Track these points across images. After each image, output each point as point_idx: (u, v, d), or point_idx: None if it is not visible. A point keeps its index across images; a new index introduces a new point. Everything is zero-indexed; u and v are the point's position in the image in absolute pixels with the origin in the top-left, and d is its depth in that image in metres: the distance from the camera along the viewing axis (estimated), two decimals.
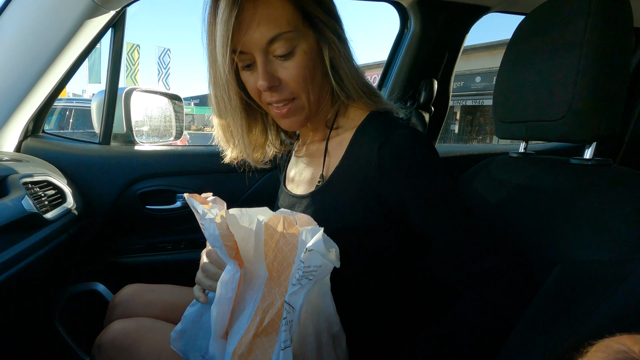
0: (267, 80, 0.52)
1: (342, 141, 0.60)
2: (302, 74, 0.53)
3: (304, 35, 0.53)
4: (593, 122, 0.58)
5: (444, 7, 1.09)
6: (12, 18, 0.84)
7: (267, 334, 0.43)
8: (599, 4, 0.57)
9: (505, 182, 0.72)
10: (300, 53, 0.52)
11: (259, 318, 0.44)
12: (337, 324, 0.48)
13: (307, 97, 0.55)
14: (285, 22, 0.50)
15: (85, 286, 1.04)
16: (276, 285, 0.46)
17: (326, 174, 0.60)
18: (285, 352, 0.40)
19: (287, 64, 0.52)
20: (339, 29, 0.56)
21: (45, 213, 0.81)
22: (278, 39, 0.50)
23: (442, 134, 1.34)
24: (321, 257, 0.42)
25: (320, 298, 0.46)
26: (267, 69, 0.52)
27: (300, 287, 0.41)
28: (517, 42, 0.74)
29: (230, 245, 0.47)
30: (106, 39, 1.01)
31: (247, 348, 0.43)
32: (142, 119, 1.26)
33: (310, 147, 0.67)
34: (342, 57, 0.56)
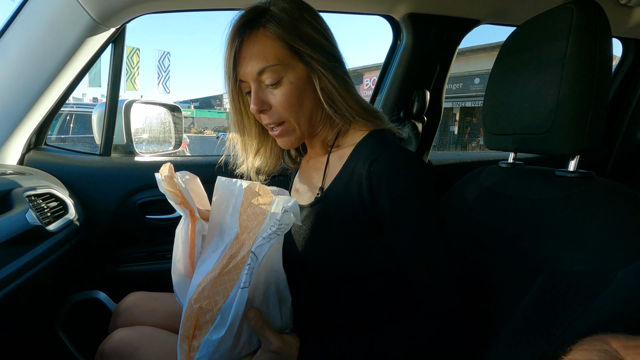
0: (257, 104, 0.61)
1: (342, 156, 0.65)
2: (288, 100, 0.60)
3: (293, 67, 0.60)
4: (575, 136, 0.61)
5: (435, 21, 1.12)
6: (15, 36, 0.87)
7: (230, 274, 0.51)
8: (579, 24, 0.59)
9: (494, 192, 0.75)
10: (286, 83, 0.59)
11: (225, 262, 0.52)
12: (283, 281, 0.55)
13: (296, 120, 0.62)
14: (273, 57, 0.58)
15: (87, 295, 1.07)
16: (245, 239, 0.55)
17: (324, 186, 0.65)
18: (242, 290, 0.47)
19: (275, 91, 0.60)
20: (326, 60, 0.60)
21: (47, 225, 0.83)
22: (265, 71, 0.58)
23: (442, 135, 1.37)
24: (293, 217, 0.49)
25: (275, 251, 0.52)
26: (258, 95, 0.61)
27: (268, 240, 0.48)
28: (505, 56, 0.76)
29: (174, 192, 0.60)
30: (107, 52, 1.04)
31: (211, 282, 0.50)
32: (142, 130, 1.28)
33: (314, 161, 0.73)
34: (332, 85, 0.61)
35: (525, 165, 0.80)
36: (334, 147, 0.68)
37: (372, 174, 0.55)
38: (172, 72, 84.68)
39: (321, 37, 0.61)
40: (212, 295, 0.50)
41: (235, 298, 0.47)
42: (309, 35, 0.60)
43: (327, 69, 0.60)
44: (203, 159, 1.22)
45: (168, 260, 1.19)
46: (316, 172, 0.70)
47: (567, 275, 0.53)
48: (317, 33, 0.61)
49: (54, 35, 0.87)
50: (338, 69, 0.62)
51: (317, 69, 0.60)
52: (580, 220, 0.55)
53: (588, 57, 0.59)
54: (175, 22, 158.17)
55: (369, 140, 0.63)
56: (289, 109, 0.61)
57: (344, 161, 0.64)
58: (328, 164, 0.67)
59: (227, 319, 0.47)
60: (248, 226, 0.56)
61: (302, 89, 0.61)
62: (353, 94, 0.64)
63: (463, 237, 0.76)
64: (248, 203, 0.57)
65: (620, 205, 0.54)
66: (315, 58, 0.60)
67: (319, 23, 0.62)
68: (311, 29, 0.60)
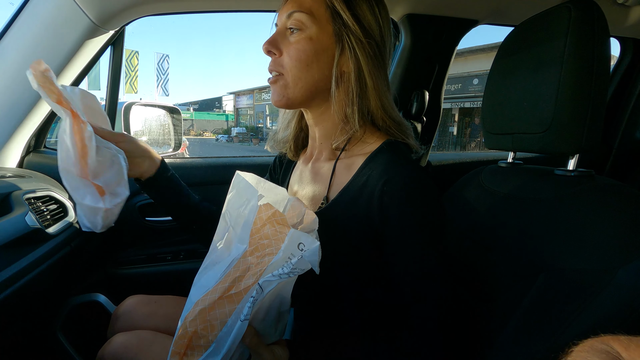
0: (268, 42, 0.59)
1: (351, 165, 0.61)
2: (297, 54, 0.57)
3: (321, 26, 0.57)
4: (574, 135, 0.61)
5: (433, 21, 1.12)
6: (14, 39, 0.87)
7: (230, 301, 0.48)
8: (577, 24, 0.60)
9: (494, 192, 0.75)
10: (305, 36, 0.57)
11: (228, 285, 0.49)
12: (287, 304, 0.52)
13: (294, 79, 0.58)
14: (307, 6, 0.57)
15: (87, 297, 1.06)
16: (252, 262, 0.51)
17: (330, 197, 0.62)
18: (242, 323, 0.45)
19: (291, 38, 0.58)
20: (364, 40, 0.56)
21: (47, 227, 0.83)
22: (293, 14, 0.57)
23: (441, 135, 1.37)
24: (309, 265, 0.46)
25: (286, 285, 0.50)
26: (275, 35, 0.59)
27: (278, 279, 0.45)
28: (503, 56, 0.77)
29: (50, 88, 0.56)
30: (106, 54, 1.04)
31: (209, 306, 0.48)
32: (141, 132, 1.28)
33: (317, 165, 0.68)
34: (360, 68, 0.57)
35: (525, 165, 0.81)
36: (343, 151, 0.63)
37: (385, 194, 0.53)
38: (171, 75, 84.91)
39: (375, 24, 0.58)
40: (209, 319, 0.47)
41: (234, 329, 0.45)
42: (361, 12, 0.57)
43: (361, 48, 0.56)
44: (203, 160, 1.23)
45: (168, 262, 1.19)
46: (320, 178, 0.66)
47: (567, 273, 0.53)
48: (373, 17, 0.58)
49: (53, 37, 0.87)
50: (375, 60, 0.57)
51: (347, 42, 0.56)
52: (580, 219, 0.55)
53: (586, 56, 0.59)
54: (173, 25, 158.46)
55: (383, 153, 0.58)
56: (293, 61, 0.57)
57: (353, 172, 0.60)
58: (335, 172, 0.63)
59: (222, 349, 0.45)
60: (258, 248, 0.52)
61: (317, 51, 0.57)
62: (380, 93, 0.59)
63: (463, 237, 0.76)
64: (262, 223, 0.53)
65: (620, 204, 0.54)
66: (352, 30, 0.56)
67: (382, 15, 0.59)
68: (369, 10, 0.57)
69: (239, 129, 31.98)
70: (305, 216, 0.55)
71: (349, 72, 0.58)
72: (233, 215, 0.58)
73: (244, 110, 36.48)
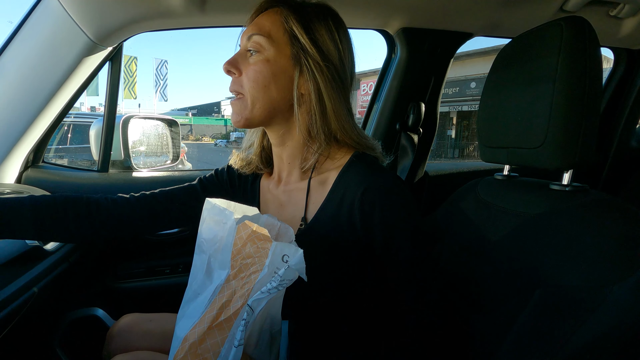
0: (228, 63, 0.60)
1: (324, 181, 0.62)
2: (255, 75, 0.58)
3: (279, 49, 0.58)
4: (568, 151, 0.61)
5: (428, 35, 1.13)
6: (13, 57, 0.88)
7: (221, 329, 0.46)
8: (569, 41, 0.60)
9: (491, 205, 0.75)
10: (263, 58, 0.58)
11: (215, 313, 0.47)
12: (278, 324, 0.51)
13: (252, 100, 0.59)
14: (266, 30, 0.58)
15: (85, 312, 1.06)
16: (237, 285, 0.49)
17: (308, 217, 0.61)
18: (237, 349, 0.43)
19: (250, 60, 0.59)
20: (323, 65, 0.58)
21: (46, 244, 0.83)
22: (252, 37, 0.59)
23: (439, 139, 1.38)
24: (296, 273, 0.46)
25: (275, 301, 0.49)
26: (236, 56, 0.61)
27: (267, 295, 0.45)
28: (497, 69, 0.77)
29: None
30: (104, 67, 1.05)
31: (199, 338, 0.45)
32: (139, 144, 1.29)
33: (289, 187, 0.67)
34: (318, 90, 0.58)
35: (520, 178, 0.81)
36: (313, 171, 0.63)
37: (365, 202, 0.54)
38: (170, 80, 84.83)
39: (333, 47, 0.59)
40: (200, 352, 0.45)
41: (229, 358, 0.43)
42: (319, 36, 0.58)
43: (319, 71, 0.58)
44: (201, 173, 1.23)
45: (167, 275, 1.19)
46: (294, 199, 0.65)
47: (563, 290, 0.53)
48: (331, 41, 0.59)
49: (52, 55, 0.88)
50: (335, 80, 0.59)
51: (305, 64, 0.58)
52: (575, 235, 0.56)
53: (578, 73, 0.60)
54: (172, 31, 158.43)
55: (355, 164, 0.59)
56: (251, 83, 0.58)
57: (328, 187, 0.60)
58: (309, 191, 0.63)
59: None
60: (242, 269, 0.50)
61: (274, 73, 0.58)
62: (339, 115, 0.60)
63: (461, 249, 0.77)
64: (242, 243, 0.51)
65: (615, 219, 0.55)
66: (310, 54, 0.57)
67: (340, 36, 0.60)
68: (327, 35, 0.59)
69: (237, 134, 31.98)
70: (280, 229, 0.55)
71: (308, 93, 0.59)
72: (210, 242, 0.55)
73: None
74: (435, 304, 0.56)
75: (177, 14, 0.92)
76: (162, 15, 0.92)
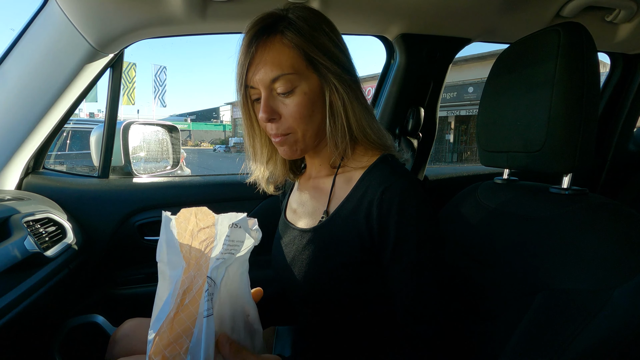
0: (266, 112, 0.59)
1: (349, 180, 0.64)
2: (299, 111, 0.59)
3: (307, 77, 0.58)
4: (567, 155, 0.62)
5: (426, 41, 1.14)
6: (15, 63, 0.88)
7: (187, 311, 0.44)
8: (566, 46, 0.61)
9: (490, 209, 0.75)
10: (299, 93, 0.58)
11: (179, 300, 0.45)
12: (252, 309, 0.50)
13: (303, 133, 0.61)
14: (288, 65, 0.57)
15: (85, 319, 1.06)
16: (195, 273, 0.47)
17: (330, 210, 0.63)
18: (208, 319, 0.42)
19: (287, 101, 0.59)
20: (342, 72, 0.59)
21: (46, 250, 0.83)
22: (280, 79, 0.57)
23: (438, 144, 1.38)
24: (245, 233, 0.45)
25: (239, 277, 0.48)
26: (269, 102, 0.59)
27: (222, 261, 0.44)
28: (496, 75, 0.78)
29: None
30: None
31: (168, 328, 0.43)
32: (140, 150, 1.29)
33: (316, 181, 0.71)
34: (343, 100, 0.60)
35: (520, 182, 0.81)
36: (340, 168, 0.66)
37: (384, 202, 0.55)
38: (169, 86, 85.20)
39: (338, 50, 0.60)
40: (173, 340, 0.43)
41: (203, 330, 0.42)
42: (326, 46, 0.59)
43: (341, 82, 0.59)
44: (202, 179, 1.23)
45: None
46: (319, 193, 0.68)
47: (564, 293, 0.53)
48: (334, 46, 0.60)
49: (53, 62, 0.89)
50: (352, 84, 0.61)
51: (331, 81, 0.59)
52: (575, 238, 0.56)
53: (576, 78, 0.60)
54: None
55: (381, 165, 0.61)
56: (299, 119, 0.59)
57: (351, 185, 0.62)
58: (334, 185, 0.65)
59: (200, 356, 0.42)
60: (195, 256, 0.48)
61: (314, 101, 0.59)
62: (365, 113, 0.62)
63: (461, 254, 0.77)
64: (187, 232, 0.49)
65: (614, 223, 0.55)
66: (331, 70, 0.59)
67: (336, 36, 0.61)
68: (329, 41, 0.59)
69: (236, 139, 32.05)
70: None
71: (338, 106, 0.60)
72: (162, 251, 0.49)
73: (241, 120, 36.49)
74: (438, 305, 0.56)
75: (178, 21, 0.93)
76: (163, 22, 0.92)
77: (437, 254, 0.56)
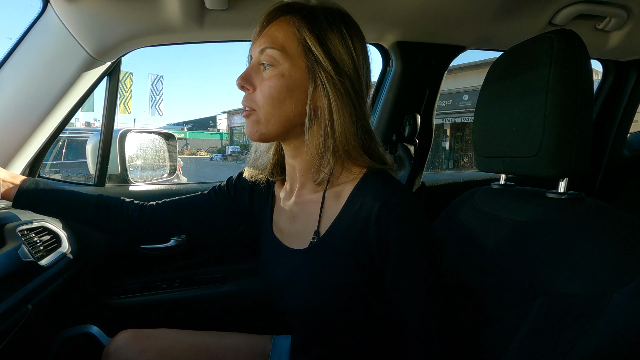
0: (241, 78, 0.58)
1: (338, 195, 0.60)
2: (269, 89, 0.56)
3: (293, 62, 0.56)
4: (563, 160, 0.62)
5: (422, 48, 1.15)
6: (12, 71, 0.88)
7: None
8: (559, 54, 0.62)
9: (488, 214, 0.76)
10: (277, 72, 0.56)
11: None
12: None
13: (266, 115, 0.57)
14: (280, 43, 0.56)
15: (79, 329, 1.04)
16: None
17: (322, 230, 0.60)
18: None
19: (264, 74, 0.57)
20: (337, 78, 0.55)
21: (40, 260, 0.82)
22: (266, 50, 0.57)
23: (434, 151, 1.39)
24: None
25: None
26: (249, 70, 0.59)
27: None
28: (491, 81, 0.79)
29: None
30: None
31: None
32: (136, 158, 1.29)
33: (302, 197, 0.65)
34: (331, 106, 0.55)
35: (517, 187, 0.82)
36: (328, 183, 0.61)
37: (382, 218, 0.53)
38: (165, 95, 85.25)
39: (347, 55, 0.56)
40: None
41: None
42: (333, 45, 0.56)
43: (332, 85, 0.55)
44: (199, 186, 1.23)
45: (163, 290, 1.17)
46: (307, 212, 0.64)
47: (564, 298, 0.53)
48: (344, 48, 0.56)
49: (50, 70, 0.89)
50: (351, 94, 0.56)
51: (320, 78, 0.55)
52: (573, 243, 0.56)
53: (570, 83, 0.61)
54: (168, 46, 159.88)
55: (372, 178, 0.58)
56: (266, 98, 0.56)
57: (342, 201, 0.59)
58: (324, 203, 0.61)
59: None
60: None
61: (289, 88, 0.56)
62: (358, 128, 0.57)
63: (459, 259, 0.77)
64: None
65: (611, 227, 0.55)
66: (324, 67, 0.55)
67: (353, 42, 0.57)
68: (340, 42, 0.56)
69: (233, 148, 32.06)
70: None
71: (322, 107, 0.56)
72: None
73: (238, 128, 36.65)
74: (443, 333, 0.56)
75: (176, 29, 0.93)
76: (161, 30, 0.93)
77: (440, 266, 0.56)
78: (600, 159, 1.52)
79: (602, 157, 1.51)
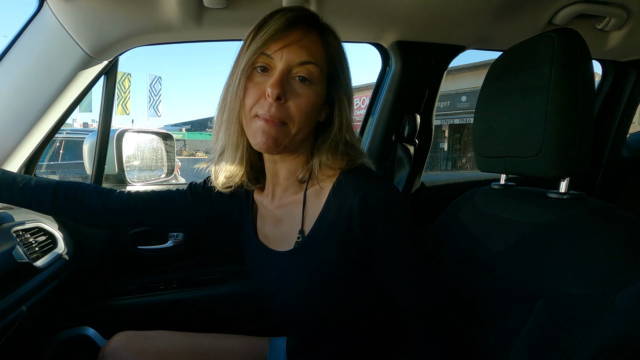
0: (280, 87, 0.53)
1: (318, 193, 0.61)
2: (305, 108, 0.55)
3: (322, 82, 0.57)
4: (564, 159, 0.62)
5: (421, 48, 1.15)
6: (7, 70, 0.87)
7: None
8: (561, 52, 0.62)
9: (488, 215, 0.75)
10: (314, 89, 0.56)
11: None
12: None
13: (298, 129, 0.56)
14: (320, 59, 0.56)
15: (76, 331, 1.03)
16: None
17: (306, 229, 0.60)
18: None
19: (302, 90, 0.55)
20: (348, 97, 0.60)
21: (35, 261, 0.81)
22: (308, 65, 0.54)
23: (432, 152, 1.38)
24: None
25: None
26: (284, 80, 0.54)
27: None
28: (491, 81, 0.79)
29: None
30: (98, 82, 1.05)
31: None
32: (134, 158, 1.28)
33: (284, 201, 0.65)
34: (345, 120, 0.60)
35: (517, 187, 0.81)
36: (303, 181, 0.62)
37: (365, 209, 0.54)
38: (164, 96, 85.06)
39: (348, 71, 0.61)
40: None
41: None
42: (345, 64, 0.60)
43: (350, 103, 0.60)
44: None
45: (160, 291, 1.16)
46: (290, 213, 0.63)
47: (566, 299, 0.53)
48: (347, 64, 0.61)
49: (47, 68, 0.88)
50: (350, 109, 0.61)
51: (342, 98, 0.59)
52: (575, 243, 0.56)
53: (571, 82, 0.61)
54: (166, 46, 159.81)
55: (352, 173, 0.59)
56: (301, 115, 0.55)
57: (323, 198, 0.59)
58: (305, 202, 0.61)
59: None
60: None
61: (318, 106, 0.58)
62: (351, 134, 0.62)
63: (459, 260, 0.76)
64: None
65: (614, 227, 0.55)
66: (345, 91, 0.59)
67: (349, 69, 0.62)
68: (345, 60, 0.61)
69: None
70: None
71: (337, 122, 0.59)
72: None
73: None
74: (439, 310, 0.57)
75: (173, 27, 0.93)
76: (158, 29, 0.92)
77: (424, 248, 0.58)
78: (600, 160, 1.52)
79: (602, 158, 1.51)
